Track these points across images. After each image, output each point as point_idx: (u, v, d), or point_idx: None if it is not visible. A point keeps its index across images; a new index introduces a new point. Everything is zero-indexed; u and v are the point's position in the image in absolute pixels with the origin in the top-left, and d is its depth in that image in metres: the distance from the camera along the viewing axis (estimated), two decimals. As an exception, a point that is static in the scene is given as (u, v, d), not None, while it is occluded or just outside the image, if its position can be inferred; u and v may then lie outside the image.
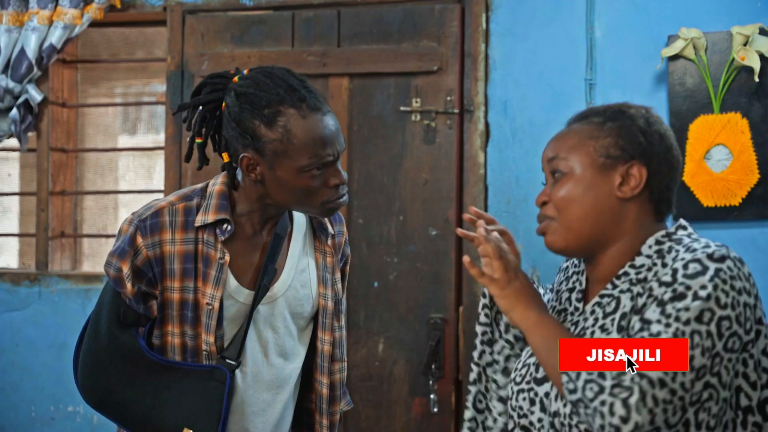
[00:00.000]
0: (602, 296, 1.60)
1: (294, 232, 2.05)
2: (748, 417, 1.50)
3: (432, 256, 3.27)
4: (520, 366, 1.68)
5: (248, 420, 1.99)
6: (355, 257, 3.33)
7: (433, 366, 3.22)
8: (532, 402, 1.61)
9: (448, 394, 3.25)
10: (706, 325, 1.42)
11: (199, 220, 1.91)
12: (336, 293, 2.10)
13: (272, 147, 1.83)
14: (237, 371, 1.94)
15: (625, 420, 1.37)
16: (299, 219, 2.08)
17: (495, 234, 1.71)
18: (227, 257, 1.91)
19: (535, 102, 3.23)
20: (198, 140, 1.98)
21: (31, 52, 3.58)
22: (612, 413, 1.38)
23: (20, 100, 3.64)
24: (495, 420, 1.75)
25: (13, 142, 3.83)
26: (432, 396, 3.23)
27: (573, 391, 1.45)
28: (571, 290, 1.72)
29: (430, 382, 3.23)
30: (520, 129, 3.25)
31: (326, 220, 2.11)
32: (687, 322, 1.41)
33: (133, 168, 3.97)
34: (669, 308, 1.43)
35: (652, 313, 1.44)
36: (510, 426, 1.68)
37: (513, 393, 1.66)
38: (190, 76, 3.53)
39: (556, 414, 1.56)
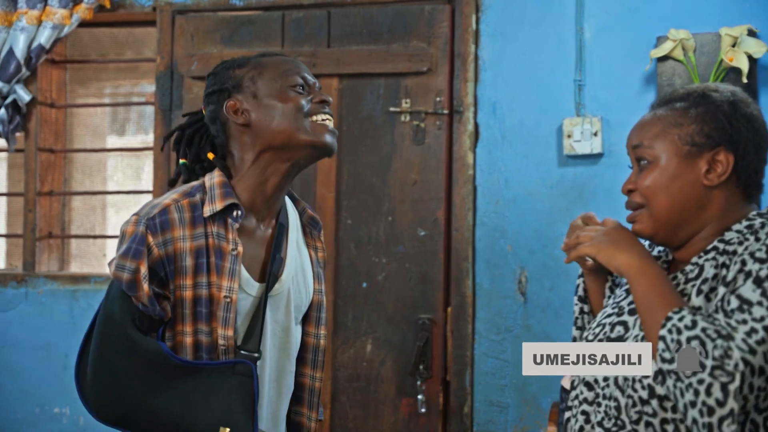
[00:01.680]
0: (685, 268, 1.60)
1: (289, 226, 2.04)
2: None
3: (420, 257, 3.27)
4: (594, 325, 1.68)
5: (261, 414, 1.95)
6: (343, 257, 3.32)
7: (420, 366, 3.21)
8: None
9: (435, 394, 3.24)
10: None
11: (207, 210, 1.87)
12: (324, 290, 2.11)
13: (249, 76, 1.92)
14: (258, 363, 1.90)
15: (721, 404, 1.37)
16: (292, 215, 2.07)
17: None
18: (240, 248, 1.87)
19: (525, 103, 3.24)
20: (182, 161, 2.00)
21: (20, 52, 3.57)
22: (709, 394, 1.37)
23: (8, 100, 3.63)
24: None
25: (0, 142, 3.81)
26: (420, 396, 3.22)
27: (669, 361, 1.43)
28: (656, 258, 1.70)
29: (418, 383, 3.22)
30: (509, 130, 3.25)
31: (315, 214, 2.11)
32: None
33: (121, 168, 3.96)
34: None
35: (751, 292, 1.43)
36: (576, 382, 1.67)
37: None
38: (180, 76, 3.52)
39: None
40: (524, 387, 3.18)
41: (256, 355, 1.87)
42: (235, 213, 1.88)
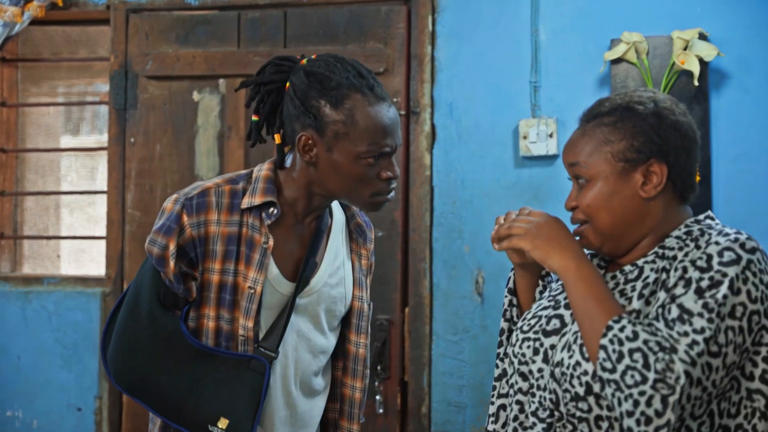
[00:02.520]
0: (624, 268, 1.63)
1: (333, 229, 2.03)
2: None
3: (378, 258, 3.26)
4: (529, 316, 1.69)
5: (273, 414, 1.95)
6: (301, 259, 3.32)
7: (378, 367, 3.22)
8: (536, 351, 1.62)
9: (394, 394, 3.25)
10: (739, 321, 1.45)
11: (246, 202, 1.88)
12: (369, 298, 2.11)
13: (334, 128, 1.83)
14: (275, 362, 1.91)
15: (659, 414, 1.40)
16: (338, 218, 2.06)
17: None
18: (271, 242, 1.88)
19: (481, 104, 3.25)
20: (255, 118, 1.96)
21: (-30, 50, 3.51)
22: (649, 405, 1.40)
23: (-42, 98, 3.57)
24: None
25: (-50, 141, 3.75)
26: (378, 397, 3.23)
27: (610, 371, 1.45)
28: (592, 255, 1.73)
29: (376, 384, 3.23)
30: (465, 130, 3.27)
31: (365, 223, 2.10)
32: (723, 318, 1.44)
33: (75, 168, 3.91)
34: (709, 300, 1.45)
35: (693, 302, 1.45)
36: (510, 372, 1.69)
37: (518, 340, 1.67)
38: (134, 75, 3.49)
39: (558, 364, 1.57)
40: (481, 387, 3.20)
41: (273, 354, 1.88)
42: (270, 210, 1.89)
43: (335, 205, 2.06)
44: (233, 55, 3.38)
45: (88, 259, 3.83)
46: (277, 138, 1.94)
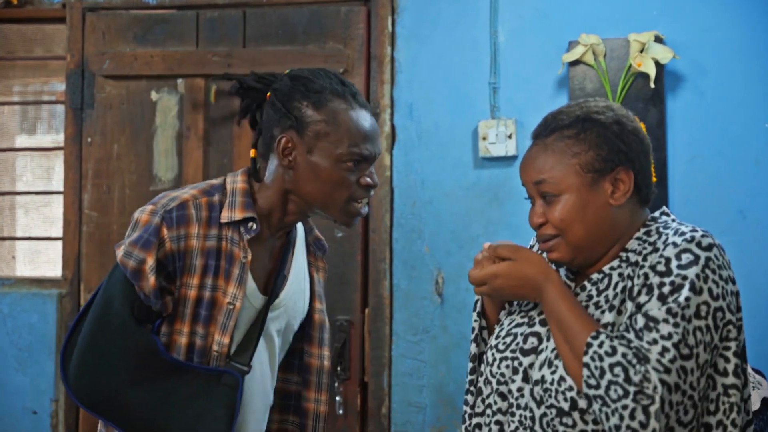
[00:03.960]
0: (592, 276, 1.64)
1: (297, 243, 2.02)
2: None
3: (338, 259, 3.27)
4: (503, 334, 1.69)
5: (246, 428, 1.93)
6: (260, 260, 3.30)
7: (338, 368, 3.22)
8: (515, 371, 1.63)
9: (353, 395, 3.25)
10: (704, 320, 1.48)
11: (225, 216, 1.84)
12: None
13: (316, 128, 1.83)
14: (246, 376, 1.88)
15: (644, 426, 1.43)
16: (300, 232, 2.04)
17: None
18: (249, 257, 1.85)
19: (441, 105, 3.26)
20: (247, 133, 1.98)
21: None
22: (633, 417, 1.43)
23: None
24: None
25: None
26: (338, 398, 3.22)
27: (595, 387, 1.47)
28: (558, 265, 1.73)
29: (336, 384, 3.23)
30: (425, 131, 3.27)
31: (322, 238, 2.10)
32: (689, 320, 1.47)
33: (31, 168, 3.85)
34: (672, 305, 1.47)
35: (657, 310, 1.48)
36: (487, 392, 1.69)
37: (495, 360, 1.67)
38: (91, 74, 3.45)
39: (538, 382, 1.58)
40: (441, 387, 3.21)
41: (246, 368, 1.86)
42: (250, 225, 1.86)
43: None
44: (192, 55, 3.36)
45: (44, 261, 3.78)
46: (253, 152, 1.93)
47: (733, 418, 1.53)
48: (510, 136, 3.15)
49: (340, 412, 3.22)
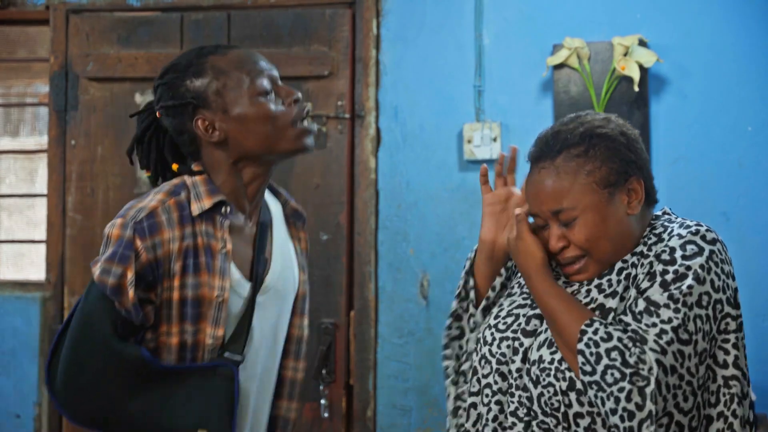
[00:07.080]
0: None
1: (274, 222, 2.02)
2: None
3: (323, 261, 3.27)
4: (503, 314, 1.70)
5: (245, 416, 1.93)
6: (245, 262, 3.29)
7: (323, 371, 3.21)
8: (515, 351, 1.64)
9: (339, 398, 3.25)
10: (705, 309, 1.51)
11: (196, 208, 1.83)
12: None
13: (213, 89, 1.84)
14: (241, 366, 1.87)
15: (640, 407, 1.45)
16: (275, 210, 2.05)
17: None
18: (229, 245, 1.84)
19: (426, 107, 3.27)
20: (147, 174, 1.96)
21: None
22: (629, 399, 1.45)
23: None
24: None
25: None
26: (323, 401, 3.22)
27: (590, 373, 1.49)
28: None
29: (321, 387, 3.22)
30: (410, 134, 3.28)
31: (299, 206, 2.11)
32: (691, 307, 1.50)
33: (14, 171, 3.83)
34: (675, 292, 1.50)
35: (659, 295, 1.51)
36: (485, 371, 1.69)
37: (495, 339, 1.68)
38: (75, 76, 3.43)
39: (535, 362, 1.59)
40: (427, 390, 3.21)
41: (238, 358, 1.86)
42: (223, 209, 1.86)
43: (269, 198, 2.05)
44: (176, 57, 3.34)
45: (28, 263, 3.76)
46: (175, 166, 1.93)
47: (734, 408, 1.55)
48: (495, 139, 3.15)
49: (326, 415, 3.22)
